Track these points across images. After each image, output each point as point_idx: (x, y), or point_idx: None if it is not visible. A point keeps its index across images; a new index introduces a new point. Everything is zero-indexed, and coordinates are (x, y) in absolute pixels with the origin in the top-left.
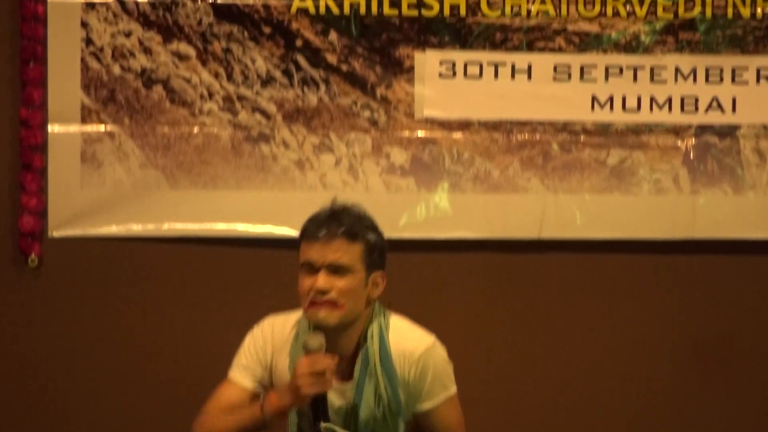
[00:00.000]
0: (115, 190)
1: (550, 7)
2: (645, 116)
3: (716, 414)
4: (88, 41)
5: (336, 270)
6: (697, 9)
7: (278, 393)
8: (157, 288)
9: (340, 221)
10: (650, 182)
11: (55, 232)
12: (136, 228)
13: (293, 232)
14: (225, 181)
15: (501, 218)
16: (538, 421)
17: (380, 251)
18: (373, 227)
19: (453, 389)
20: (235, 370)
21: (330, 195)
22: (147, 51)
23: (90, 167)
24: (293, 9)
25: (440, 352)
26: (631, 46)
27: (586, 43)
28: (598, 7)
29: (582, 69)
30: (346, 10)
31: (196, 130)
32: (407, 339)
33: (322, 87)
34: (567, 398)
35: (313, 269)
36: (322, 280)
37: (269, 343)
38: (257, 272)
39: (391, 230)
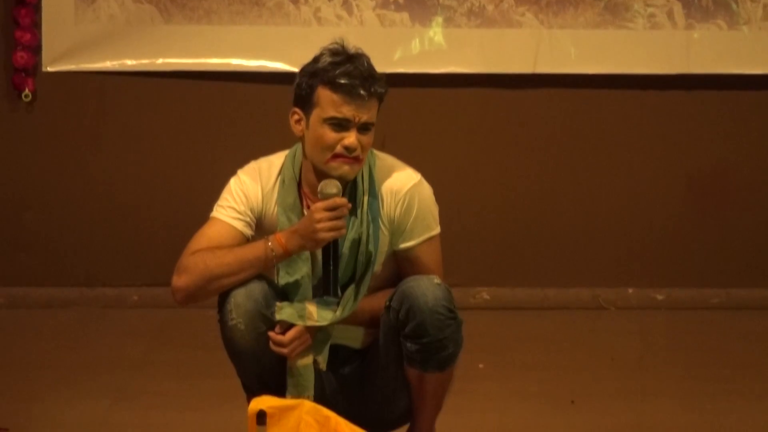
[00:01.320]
0: (109, 25)
1: None
2: None
3: (709, 241)
4: None
5: (365, 128)
6: None
7: (287, 235)
8: (151, 122)
9: (373, 79)
10: (644, 17)
11: (49, 67)
12: (130, 63)
13: (287, 67)
14: (219, 15)
15: (495, 53)
16: (532, 254)
17: None
18: None
19: (436, 229)
20: (222, 211)
21: (324, 30)
22: None
23: (84, 2)
24: None
25: (426, 189)
26: None
27: None
28: None
29: None
30: None
31: None
32: (394, 177)
33: None
34: (561, 232)
35: (342, 125)
36: (354, 138)
37: (258, 188)
38: (251, 106)
39: (386, 65)
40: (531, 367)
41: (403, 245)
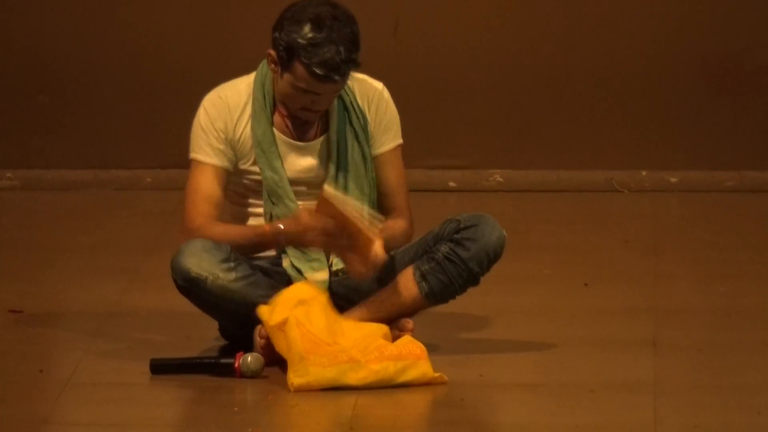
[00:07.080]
0: None
1: None
2: None
3: (723, 123)
4: None
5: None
6: None
7: (275, 232)
8: None
9: (351, 62)
10: None
11: None
12: None
13: None
14: None
15: None
16: (545, 136)
17: None
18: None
19: (401, 139)
20: (200, 153)
21: None
22: None
23: None
24: None
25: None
26: None
27: None
28: None
29: None
30: None
31: None
32: (365, 80)
33: None
34: (574, 113)
35: (311, 94)
36: (324, 104)
37: (227, 116)
38: None
39: None
40: (544, 249)
41: (382, 149)
